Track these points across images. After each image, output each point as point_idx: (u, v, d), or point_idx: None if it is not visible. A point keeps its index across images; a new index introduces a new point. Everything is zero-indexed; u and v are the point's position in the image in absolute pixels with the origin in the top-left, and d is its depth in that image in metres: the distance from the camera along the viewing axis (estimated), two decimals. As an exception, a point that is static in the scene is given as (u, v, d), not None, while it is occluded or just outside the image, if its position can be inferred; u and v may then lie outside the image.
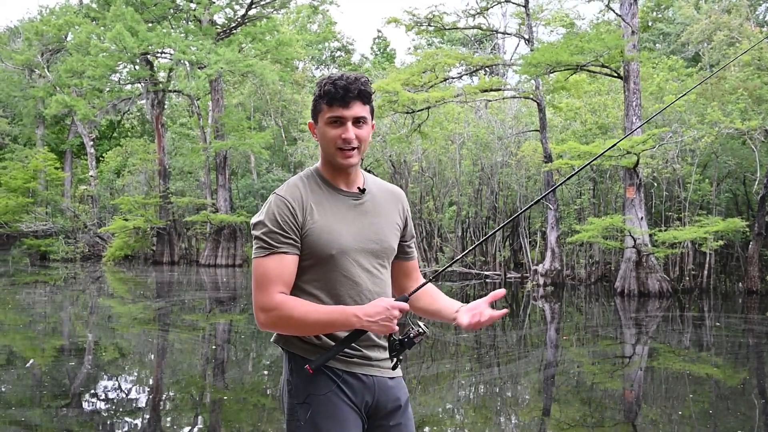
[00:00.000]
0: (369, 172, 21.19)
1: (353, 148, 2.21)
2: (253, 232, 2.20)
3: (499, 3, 20.24)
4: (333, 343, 2.19)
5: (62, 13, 32.32)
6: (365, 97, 2.22)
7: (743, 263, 17.17)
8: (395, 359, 2.25)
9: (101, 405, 6.57)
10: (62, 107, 27.56)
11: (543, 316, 13.57)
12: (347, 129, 2.19)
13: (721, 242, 15.65)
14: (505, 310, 2.43)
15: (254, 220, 2.21)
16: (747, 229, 15.68)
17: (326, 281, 2.20)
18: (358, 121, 2.21)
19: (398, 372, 2.33)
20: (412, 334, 2.19)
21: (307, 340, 2.21)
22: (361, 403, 2.23)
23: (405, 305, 2.16)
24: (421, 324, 2.21)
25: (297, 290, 2.21)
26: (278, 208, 2.17)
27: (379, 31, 45.16)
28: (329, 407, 2.17)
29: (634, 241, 15.26)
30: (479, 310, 2.28)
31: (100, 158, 34.52)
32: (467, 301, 2.39)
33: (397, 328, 2.16)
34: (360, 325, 2.11)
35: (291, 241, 2.16)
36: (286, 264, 2.15)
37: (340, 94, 2.16)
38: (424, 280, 2.45)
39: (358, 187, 2.30)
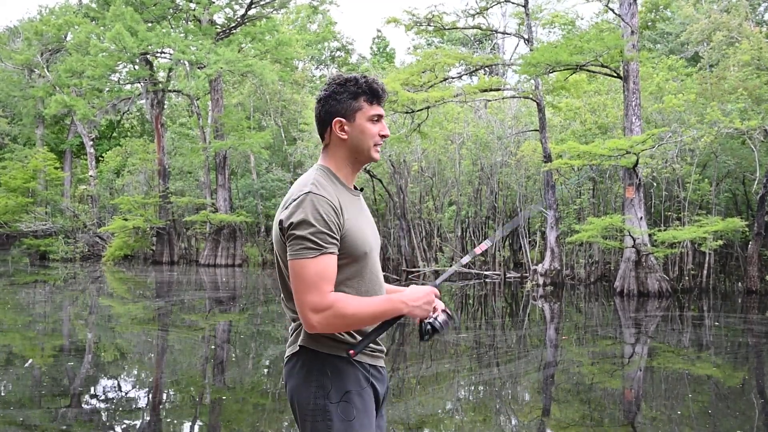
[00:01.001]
0: (368, 172, 21.06)
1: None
2: (293, 231, 2.14)
3: (499, 3, 20.22)
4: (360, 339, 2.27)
5: (62, 13, 32.34)
6: None
7: (743, 263, 17.18)
8: (427, 339, 2.37)
9: (101, 405, 6.57)
10: (62, 107, 27.55)
11: (542, 315, 13.58)
12: (384, 126, 2.35)
13: (720, 242, 15.65)
14: None
15: (294, 219, 2.15)
16: (746, 229, 15.69)
17: (360, 278, 2.27)
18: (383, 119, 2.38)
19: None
20: (440, 320, 2.34)
21: (341, 337, 2.25)
22: (381, 393, 2.39)
23: (437, 291, 2.34)
24: (447, 310, 2.37)
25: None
26: (323, 207, 2.16)
27: (378, 30, 45.18)
28: (367, 402, 2.28)
29: (634, 240, 15.27)
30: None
31: (100, 158, 34.52)
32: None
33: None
34: (408, 311, 2.24)
35: (336, 241, 2.18)
36: (333, 263, 2.17)
37: (381, 95, 2.31)
38: None
39: (354, 187, 2.38)
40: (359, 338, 2.26)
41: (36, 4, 63.67)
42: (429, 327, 2.32)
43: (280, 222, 2.20)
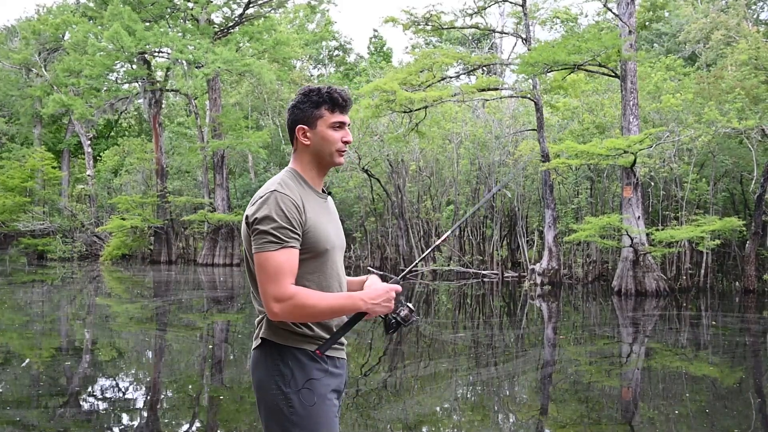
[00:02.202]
0: (366, 171, 21.09)
1: (345, 150, 2.49)
2: (257, 226, 2.31)
3: (497, 2, 20.23)
4: (323, 333, 2.40)
5: (59, 13, 32.30)
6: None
7: (740, 262, 17.20)
8: (392, 333, 2.50)
9: (98, 404, 6.57)
10: (59, 106, 27.52)
11: (540, 315, 13.59)
12: (347, 133, 2.49)
13: (718, 241, 15.67)
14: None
15: (259, 214, 2.31)
16: (744, 228, 15.71)
17: (320, 274, 2.41)
18: (348, 126, 2.52)
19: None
20: (403, 315, 2.45)
21: (301, 331, 2.37)
22: (341, 385, 2.48)
23: (398, 287, 2.44)
24: (409, 305, 2.48)
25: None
26: (285, 204, 2.32)
27: (375, 30, 45.13)
28: (326, 390, 2.39)
29: (632, 240, 15.28)
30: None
31: (98, 157, 34.46)
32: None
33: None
34: (366, 308, 2.35)
35: (297, 236, 2.33)
36: (294, 257, 2.32)
37: (344, 103, 2.46)
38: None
39: (323, 189, 2.54)
40: (317, 330, 2.38)
41: (34, 3, 63.60)
42: (393, 321, 2.45)
43: (246, 217, 2.36)
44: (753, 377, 7.99)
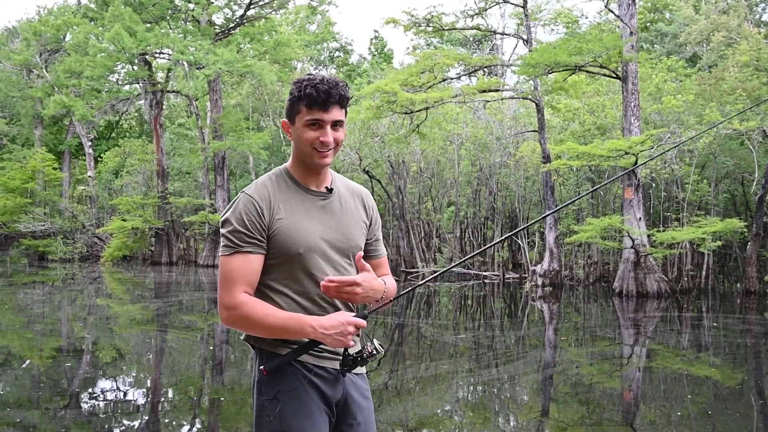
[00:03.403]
0: (366, 173, 21.10)
1: (329, 150, 2.25)
2: (220, 229, 2.23)
3: (498, 3, 20.23)
4: (304, 340, 2.21)
5: (60, 14, 32.32)
6: (344, 102, 2.25)
7: (741, 264, 17.18)
8: (344, 372, 2.26)
9: (99, 406, 6.56)
10: (60, 107, 27.54)
11: (541, 316, 13.57)
12: (326, 132, 2.22)
13: (719, 243, 15.65)
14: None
15: (222, 217, 2.23)
16: (745, 230, 15.69)
17: (294, 279, 2.23)
18: (335, 125, 2.25)
19: (363, 369, 2.39)
20: (365, 354, 2.22)
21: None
22: (332, 397, 2.27)
23: (362, 322, 2.20)
24: (376, 342, 2.23)
25: (266, 288, 2.24)
26: (245, 207, 2.20)
27: (376, 31, 45.15)
28: (298, 403, 2.20)
29: (633, 241, 15.26)
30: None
31: (99, 159, 34.49)
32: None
33: (352, 343, 2.19)
34: (314, 335, 2.15)
35: (255, 241, 2.19)
36: (250, 263, 2.18)
37: (322, 99, 2.19)
38: (390, 276, 2.50)
39: (326, 187, 2.34)
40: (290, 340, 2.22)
41: (35, 4, 63.65)
42: (350, 358, 2.22)
43: None
44: (754, 379, 7.97)
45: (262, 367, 2.20)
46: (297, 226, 2.23)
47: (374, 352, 2.22)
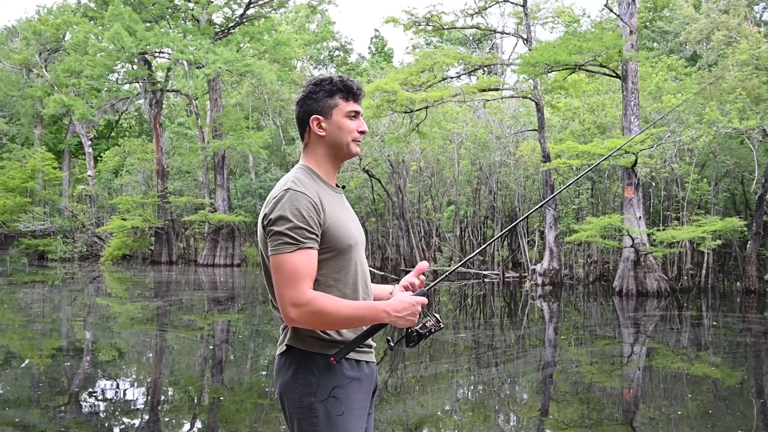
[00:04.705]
0: (366, 172, 21.06)
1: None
2: (272, 227, 2.20)
3: (498, 3, 20.23)
4: (353, 336, 2.28)
5: (60, 13, 32.31)
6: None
7: (741, 263, 17.19)
8: (413, 347, 2.36)
9: (99, 405, 6.56)
10: (60, 107, 27.53)
11: (541, 315, 13.57)
12: (362, 122, 2.40)
13: (719, 242, 15.65)
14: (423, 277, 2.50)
15: (273, 215, 2.20)
16: (745, 229, 15.69)
17: (346, 272, 2.30)
18: (361, 116, 2.44)
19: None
20: (429, 325, 2.32)
21: (327, 337, 2.26)
22: (370, 389, 2.38)
23: (425, 300, 2.28)
24: (436, 315, 2.33)
25: (316, 284, 2.25)
26: (301, 204, 2.20)
27: (376, 30, 45.16)
28: (353, 396, 2.28)
29: (633, 240, 15.26)
30: (410, 282, 2.43)
31: (98, 158, 34.50)
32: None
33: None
34: (389, 320, 2.22)
35: (314, 236, 2.21)
36: (312, 259, 2.21)
37: (358, 91, 2.38)
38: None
39: (336, 184, 2.42)
40: (346, 335, 2.28)
41: (34, 3, 63.72)
42: (415, 334, 2.31)
43: (262, 219, 2.26)
44: (754, 377, 7.97)
45: (332, 358, 2.22)
46: (341, 221, 2.30)
47: (437, 322, 2.33)
